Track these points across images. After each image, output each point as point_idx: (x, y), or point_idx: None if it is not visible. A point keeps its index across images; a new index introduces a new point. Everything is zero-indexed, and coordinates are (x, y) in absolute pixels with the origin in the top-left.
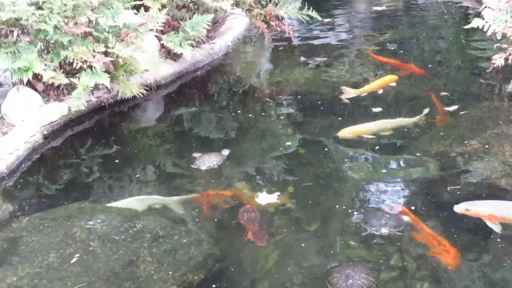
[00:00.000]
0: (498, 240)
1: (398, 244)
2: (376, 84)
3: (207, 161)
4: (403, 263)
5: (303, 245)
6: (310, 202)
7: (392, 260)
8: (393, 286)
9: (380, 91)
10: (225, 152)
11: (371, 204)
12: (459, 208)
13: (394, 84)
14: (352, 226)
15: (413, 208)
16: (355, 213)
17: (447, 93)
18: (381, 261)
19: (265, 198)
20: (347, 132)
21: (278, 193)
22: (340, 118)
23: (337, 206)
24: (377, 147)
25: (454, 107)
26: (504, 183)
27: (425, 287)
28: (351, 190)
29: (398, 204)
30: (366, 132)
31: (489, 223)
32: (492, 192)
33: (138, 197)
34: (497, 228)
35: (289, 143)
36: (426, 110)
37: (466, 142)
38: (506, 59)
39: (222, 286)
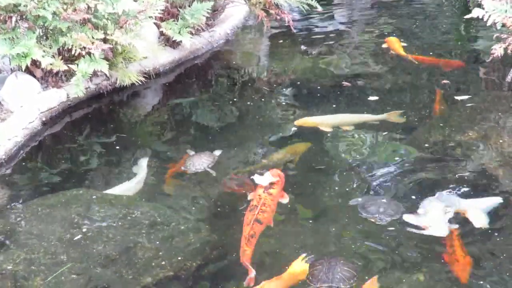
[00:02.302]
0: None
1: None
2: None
3: (197, 163)
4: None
5: (300, 230)
6: (307, 189)
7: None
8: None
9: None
10: (217, 152)
11: (369, 189)
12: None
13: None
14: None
15: (413, 197)
16: (353, 197)
17: (448, 81)
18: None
19: (265, 178)
20: (301, 122)
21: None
22: (334, 106)
23: (335, 191)
24: (377, 135)
25: (464, 97)
26: (501, 173)
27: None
28: (348, 175)
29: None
30: (322, 124)
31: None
32: (489, 181)
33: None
34: None
35: (286, 130)
36: (398, 112)
37: (464, 131)
38: (506, 49)
39: (220, 272)
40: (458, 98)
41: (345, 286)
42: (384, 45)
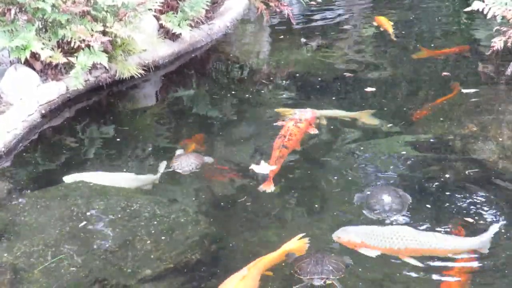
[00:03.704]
0: None
1: None
2: None
3: (184, 164)
4: None
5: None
6: (306, 180)
7: None
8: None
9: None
10: (207, 158)
11: (370, 182)
12: (334, 237)
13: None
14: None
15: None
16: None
17: (448, 73)
18: None
19: (263, 167)
20: (280, 110)
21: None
22: (334, 98)
23: (333, 183)
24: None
25: (471, 90)
26: (500, 166)
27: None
28: (346, 166)
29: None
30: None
31: (363, 251)
32: (489, 174)
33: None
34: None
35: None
36: (371, 111)
37: (464, 124)
38: (506, 42)
39: (219, 265)
40: (467, 91)
41: (334, 277)
42: (374, 23)
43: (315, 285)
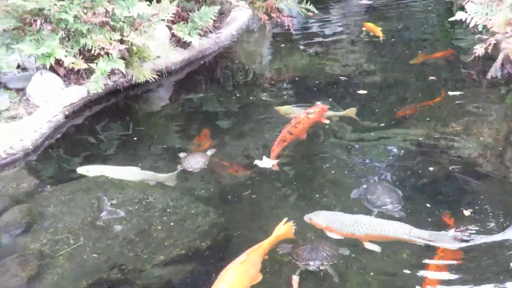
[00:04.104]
0: None
1: None
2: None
3: (193, 163)
4: None
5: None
6: (306, 174)
7: None
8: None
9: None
10: (210, 152)
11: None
12: (306, 218)
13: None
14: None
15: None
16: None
17: (435, 78)
18: None
19: (266, 162)
20: (279, 107)
21: (277, 160)
22: (331, 99)
23: (331, 177)
24: (364, 128)
25: (456, 93)
26: (482, 162)
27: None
28: (342, 162)
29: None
30: (293, 112)
31: (329, 234)
32: (469, 169)
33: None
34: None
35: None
36: (354, 109)
37: (449, 124)
38: (487, 49)
39: (227, 252)
40: (453, 93)
41: (327, 263)
42: (364, 29)
43: (310, 270)
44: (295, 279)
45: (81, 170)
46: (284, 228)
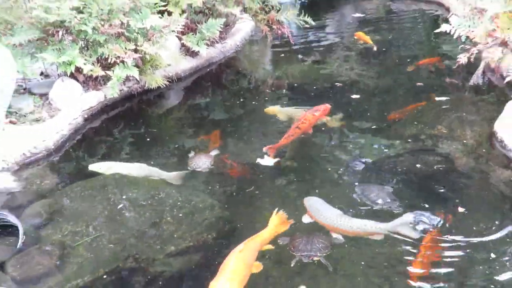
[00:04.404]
0: None
1: None
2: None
3: (200, 163)
4: None
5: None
6: (305, 173)
7: None
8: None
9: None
10: (213, 152)
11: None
12: (304, 199)
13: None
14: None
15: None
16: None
17: (422, 84)
18: None
19: (267, 160)
20: (269, 109)
21: (277, 158)
22: (327, 103)
23: (328, 175)
24: (357, 130)
25: (443, 98)
26: (464, 161)
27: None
28: (338, 161)
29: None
30: (281, 113)
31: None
32: (454, 167)
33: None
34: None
35: (284, 123)
36: (339, 116)
37: (435, 126)
38: (469, 58)
39: (230, 242)
40: (440, 99)
41: (321, 254)
42: (355, 37)
43: (305, 260)
44: None
45: (92, 167)
46: (277, 219)
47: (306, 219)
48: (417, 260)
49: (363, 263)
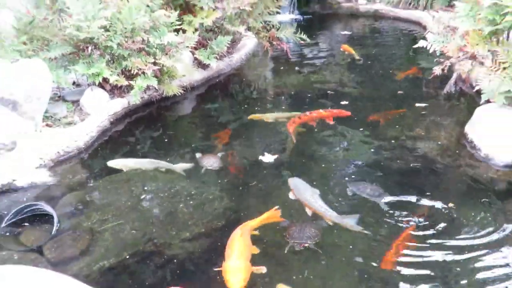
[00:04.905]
0: None
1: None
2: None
3: (210, 163)
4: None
5: (294, 200)
6: (303, 170)
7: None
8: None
9: (349, 91)
10: (219, 154)
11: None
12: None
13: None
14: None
15: (377, 175)
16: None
17: (402, 92)
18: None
19: (268, 157)
20: (253, 116)
21: (277, 155)
22: (321, 109)
23: (322, 171)
24: (346, 132)
25: (423, 104)
26: (439, 159)
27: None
28: (328, 160)
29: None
30: (266, 118)
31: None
32: (428, 164)
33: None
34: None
35: (283, 126)
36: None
37: (414, 129)
38: (443, 70)
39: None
40: (421, 105)
41: (311, 242)
42: (341, 50)
43: (297, 247)
44: None
45: (110, 163)
46: (271, 213)
47: (291, 195)
48: (390, 251)
49: (351, 247)
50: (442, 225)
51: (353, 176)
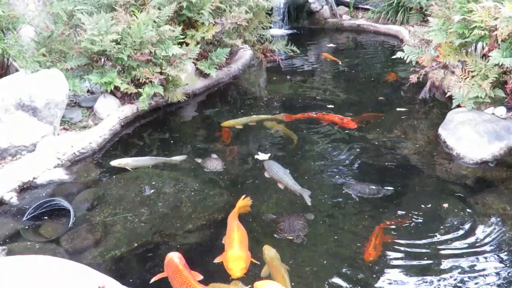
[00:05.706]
0: None
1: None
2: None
3: (214, 165)
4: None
5: (289, 196)
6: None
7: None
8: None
9: (335, 97)
10: (214, 155)
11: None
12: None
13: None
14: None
15: (360, 172)
16: (326, 174)
17: (383, 98)
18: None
19: (262, 156)
20: (226, 123)
21: (269, 154)
22: (309, 112)
23: (312, 168)
24: (332, 135)
25: (403, 109)
26: (416, 158)
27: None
28: (319, 158)
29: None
30: (238, 123)
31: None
32: (406, 163)
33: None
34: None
35: (276, 127)
36: (282, 114)
37: (393, 131)
38: (418, 78)
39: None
40: (401, 109)
41: (302, 234)
42: (322, 57)
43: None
44: None
45: (113, 163)
46: (242, 202)
47: (266, 174)
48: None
49: (336, 236)
50: (419, 218)
51: (339, 171)
